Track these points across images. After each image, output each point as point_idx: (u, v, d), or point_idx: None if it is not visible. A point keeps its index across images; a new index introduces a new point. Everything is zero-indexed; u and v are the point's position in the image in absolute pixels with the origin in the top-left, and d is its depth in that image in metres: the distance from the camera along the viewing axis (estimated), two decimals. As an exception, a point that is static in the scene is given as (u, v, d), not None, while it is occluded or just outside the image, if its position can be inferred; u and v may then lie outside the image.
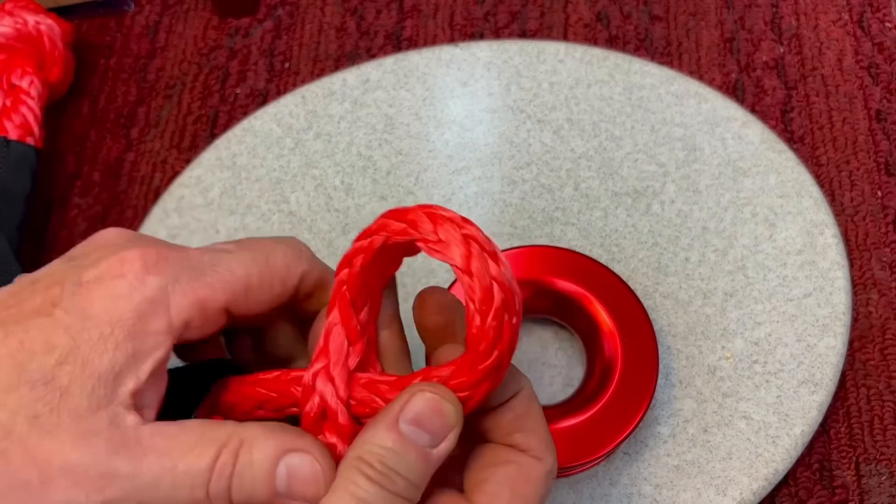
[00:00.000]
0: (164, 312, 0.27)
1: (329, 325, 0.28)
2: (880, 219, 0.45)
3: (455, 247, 0.25)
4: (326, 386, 0.27)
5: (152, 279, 0.27)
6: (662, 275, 0.43)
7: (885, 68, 0.50)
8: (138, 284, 0.26)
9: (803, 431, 0.38)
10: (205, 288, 0.27)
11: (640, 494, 0.37)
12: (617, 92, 0.48)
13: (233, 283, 0.28)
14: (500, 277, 0.25)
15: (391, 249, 0.27)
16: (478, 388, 0.26)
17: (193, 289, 0.27)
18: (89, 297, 0.26)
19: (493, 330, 0.25)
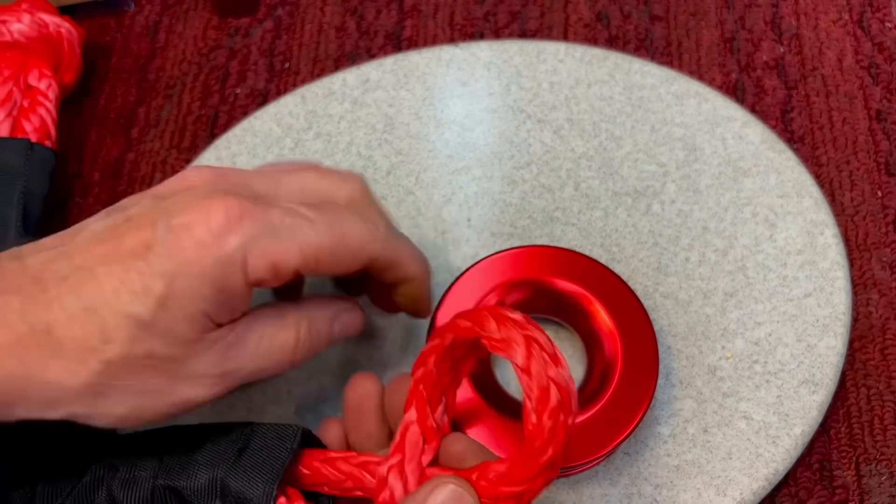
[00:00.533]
0: (242, 271, 0.30)
1: (406, 423, 0.30)
2: (880, 219, 0.45)
3: (517, 346, 0.27)
4: (397, 481, 0.29)
5: (233, 238, 0.29)
6: (663, 275, 0.43)
7: (886, 68, 0.50)
8: (222, 241, 0.29)
9: (803, 431, 0.38)
10: (280, 253, 0.30)
11: (640, 494, 0.37)
12: (617, 92, 0.48)
13: (306, 252, 0.31)
14: (558, 378, 0.27)
15: (461, 347, 0.30)
16: (532, 482, 0.27)
17: (269, 252, 0.30)
18: (179, 244, 0.29)
19: (548, 429, 0.26)
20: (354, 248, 0.32)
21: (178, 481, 0.31)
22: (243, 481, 0.30)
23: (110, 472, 0.31)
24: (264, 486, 0.30)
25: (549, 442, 0.27)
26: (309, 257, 0.31)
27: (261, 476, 0.30)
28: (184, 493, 0.30)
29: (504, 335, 0.28)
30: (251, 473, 0.30)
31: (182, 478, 0.31)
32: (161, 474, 0.31)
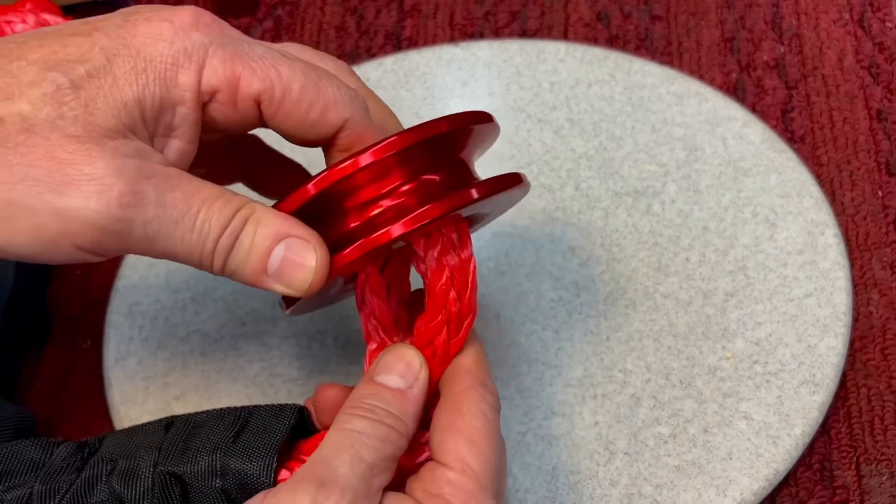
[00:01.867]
0: (197, 69, 0.27)
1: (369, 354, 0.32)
2: (881, 219, 0.45)
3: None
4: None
5: (197, 35, 0.27)
6: (663, 275, 0.43)
7: (886, 68, 0.50)
8: (182, 35, 0.26)
9: (804, 432, 0.38)
10: (244, 67, 0.27)
11: (641, 495, 0.37)
12: (617, 91, 0.48)
13: (273, 79, 0.27)
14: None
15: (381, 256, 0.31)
16: (438, 336, 0.30)
17: (233, 62, 0.27)
18: (133, 30, 0.26)
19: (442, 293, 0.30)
20: (328, 100, 0.28)
21: (179, 466, 0.30)
22: (242, 459, 0.30)
23: (108, 466, 0.31)
24: (263, 460, 0.30)
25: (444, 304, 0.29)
26: (275, 86, 0.27)
27: (259, 452, 0.30)
28: (185, 477, 0.30)
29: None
30: (250, 452, 0.30)
31: (182, 462, 0.31)
32: (161, 461, 0.31)
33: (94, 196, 0.25)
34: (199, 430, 0.32)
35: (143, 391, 0.41)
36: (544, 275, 0.43)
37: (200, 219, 0.27)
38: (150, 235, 0.26)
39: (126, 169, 0.25)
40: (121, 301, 0.44)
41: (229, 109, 0.27)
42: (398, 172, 0.28)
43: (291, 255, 0.28)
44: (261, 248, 0.28)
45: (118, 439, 0.33)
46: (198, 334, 0.43)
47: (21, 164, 0.25)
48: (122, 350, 0.43)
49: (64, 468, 0.32)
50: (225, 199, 0.27)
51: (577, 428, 0.39)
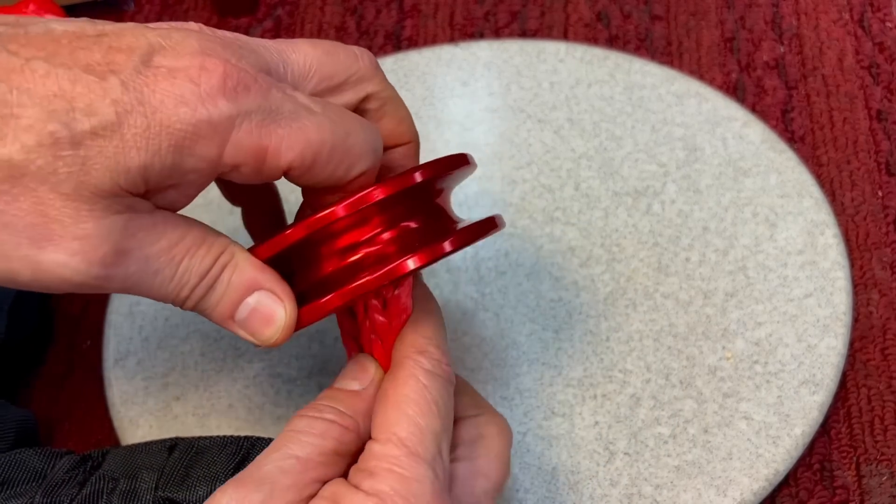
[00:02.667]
0: (220, 142, 0.25)
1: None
2: (881, 219, 0.45)
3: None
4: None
5: (224, 104, 0.24)
6: (663, 275, 0.43)
7: (886, 68, 0.50)
8: (208, 102, 0.24)
9: (804, 432, 0.38)
10: (272, 138, 0.25)
11: (641, 495, 0.37)
12: (617, 91, 0.48)
13: (302, 148, 0.26)
14: None
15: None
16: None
17: (260, 134, 0.25)
18: (153, 85, 0.24)
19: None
20: (353, 159, 0.27)
21: (179, 493, 0.31)
22: None
23: (110, 484, 0.31)
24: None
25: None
26: (306, 155, 0.26)
27: None
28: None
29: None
30: None
31: (182, 489, 0.31)
32: (161, 486, 0.31)
33: (77, 256, 0.24)
34: (202, 457, 0.32)
35: (143, 391, 0.41)
36: (544, 275, 0.43)
37: (181, 269, 0.26)
38: (127, 286, 0.26)
39: (114, 228, 0.24)
40: (121, 301, 0.44)
41: (252, 177, 0.26)
42: (376, 220, 0.28)
43: (260, 308, 0.28)
44: (232, 297, 0.28)
45: (121, 456, 0.33)
46: (198, 334, 0.43)
47: (2, 211, 0.23)
48: (122, 350, 0.43)
49: (66, 481, 0.32)
50: (207, 246, 0.27)
51: (577, 428, 0.39)
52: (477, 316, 0.42)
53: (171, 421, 0.40)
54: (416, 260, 0.27)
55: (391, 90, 0.30)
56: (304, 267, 0.29)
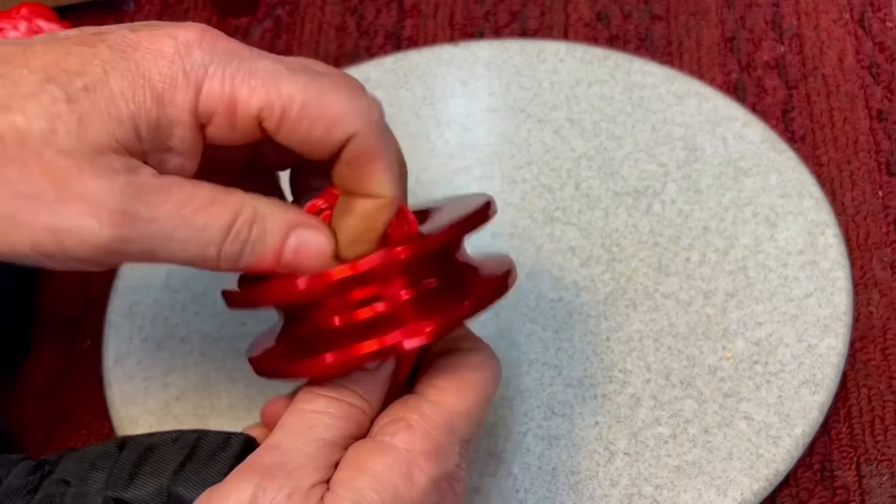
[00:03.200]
0: (195, 90, 0.26)
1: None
2: (881, 219, 0.45)
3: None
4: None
5: (199, 53, 0.26)
6: (663, 275, 0.43)
7: (886, 68, 0.50)
8: (184, 52, 0.26)
9: (804, 432, 0.38)
10: (242, 87, 0.26)
11: (641, 495, 0.37)
12: (617, 91, 0.48)
13: (272, 97, 0.26)
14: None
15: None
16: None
17: (232, 82, 0.26)
18: (135, 43, 0.26)
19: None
20: (332, 117, 0.27)
21: (127, 492, 0.31)
22: (186, 487, 0.30)
23: (62, 488, 0.31)
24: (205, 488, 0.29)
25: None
26: (275, 105, 0.26)
27: (203, 482, 0.30)
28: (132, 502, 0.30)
29: None
30: (194, 481, 0.30)
31: (130, 489, 0.31)
32: (110, 486, 0.31)
33: (86, 216, 0.25)
34: (152, 454, 0.32)
35: (143, 391, 0.41)
36: (544, 275, 0.43)
37: (198, 228, 0.26)
38: (147, 250, 0.26)
39: (115, 187, 0.25)
40: (121, 301, 0.44)
41: (228, 130, 0.27)
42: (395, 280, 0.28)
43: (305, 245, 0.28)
44: (274, 245, 0.28)
45: (75, 459, 0.32)
46: (198, 334, 0.43)
47: (17, 179, 0.25)
48: (122, 350, 0.42)
49: (20, 488, 0.32)
50: (220, 204, 0.27)
51: (577, 428, 0.39)
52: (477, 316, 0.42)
53: (171, 421, 0.40)
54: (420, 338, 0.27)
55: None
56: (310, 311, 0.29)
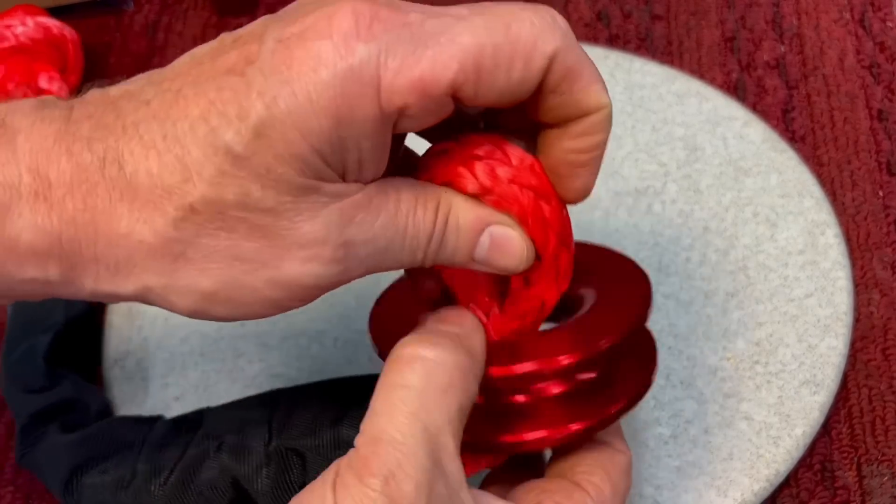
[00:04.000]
0: (374, 93, 0.23)
1: None
2: (882, 219, 0.45)
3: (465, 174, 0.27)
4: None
5: (363, 47, 0.22)
6: (664, 275, 0.43)
7: (887, 68, 0.50)
8: (345, 51, 0.22)
9: (805, 432, 0.38)
10: (425, 63, 0.23)
11: (641, 495, 0.37)
12: (618, 91, 0.48)
13: (460, 57, 0.23)
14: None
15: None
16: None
17: (410, 64, 0.22)
18: (289, 59, 0.22)
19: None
20: (527, 45, 0.23)
21: (300, 441, 0.31)
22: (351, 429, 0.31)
23: (215, 442, 0.32)
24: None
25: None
26: (467, 65, 0.23)
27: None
28: (306, 451, 0.31)
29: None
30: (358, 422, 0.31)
31: (303, 438, 0.31)
32: (275, 437, 0.31)
33: (309, 263, 0.24)
34: (309, 405, 0.32)
35: (142, 391, 0.41)
36: (544, 275, 0.43)
37: (409, 236, 0.25)
38: (366, 269, 0.25)
39: (330, 223, 0.24)
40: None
41: (423, 115, 0.24)
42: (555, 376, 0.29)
43: (498, 240, 0.27)
44: (468, 240, 0.26)
45: (218, 415, 0.33)
46: (198, 334, 0.43)
47: (228, 247, 0.24)
48: (122, 350, 0.42)
49: (166, 445, 0.32)
50: (423, 202, 0.26)
51: (578, 428, 0.39)
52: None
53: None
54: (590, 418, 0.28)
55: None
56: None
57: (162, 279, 0.24)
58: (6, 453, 0.41)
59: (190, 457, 0.32)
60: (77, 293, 0.24)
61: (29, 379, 0.38)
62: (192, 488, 0.31)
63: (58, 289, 0.25)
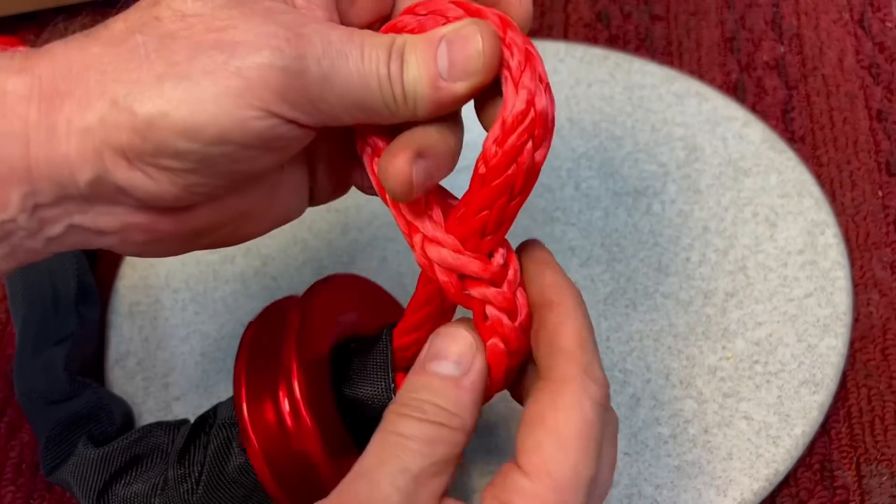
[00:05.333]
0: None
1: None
2: (881, 219, 0.45)
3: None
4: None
5: None
6: (663, 275, 0.43)
7: (886, 68, 0.50)
8: None
9: (804, 432, 0.38)
10: None
11: (641, 495, 0.37)
12: (617, 91, 0.48)
13: None
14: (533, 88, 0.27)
15: None
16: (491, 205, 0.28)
17: None
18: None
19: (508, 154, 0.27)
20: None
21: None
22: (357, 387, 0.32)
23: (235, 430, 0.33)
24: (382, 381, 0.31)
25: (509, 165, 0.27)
26: None
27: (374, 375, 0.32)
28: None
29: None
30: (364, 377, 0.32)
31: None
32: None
33: (265, 47, 0.25)
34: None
35: (142, 391, 0.41)
36: (544, 275, 0.43)
37: (367, 48, 0.26)
38: (326, 72, 0.25)
39: (283, 20, 0.26)
40: (121, 301, 0.44)
41: None
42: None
43: (456, 41, 0.27)
44: (427, 56, 0.26)
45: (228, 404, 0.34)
46: (198, 334, 0.43)
47: (187, 45, 0.25)
48: (122, 350, 0.43)
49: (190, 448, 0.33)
50: (379, 34, 0.27)
51: (577, 428, 0.39)
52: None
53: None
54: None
55: None
56: None
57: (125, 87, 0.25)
58: (6, 453, 0.41)
59: (213, 452, 0.32)
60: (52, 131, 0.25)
61: (50, 391, 0.38)
62: (225, 479, 0.32)
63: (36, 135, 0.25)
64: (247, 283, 0.44)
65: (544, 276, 0.29)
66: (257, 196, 0.29)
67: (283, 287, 0.44)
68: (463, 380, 0.27)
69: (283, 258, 0.45)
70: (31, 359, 0.39)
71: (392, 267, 0.44)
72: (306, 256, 0.45)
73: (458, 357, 0.27)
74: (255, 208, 0.29)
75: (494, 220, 0.28)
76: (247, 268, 0.44)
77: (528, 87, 0.27)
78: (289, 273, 0.44)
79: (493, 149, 0.27)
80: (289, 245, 0.45)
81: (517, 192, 0.28)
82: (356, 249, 0.45)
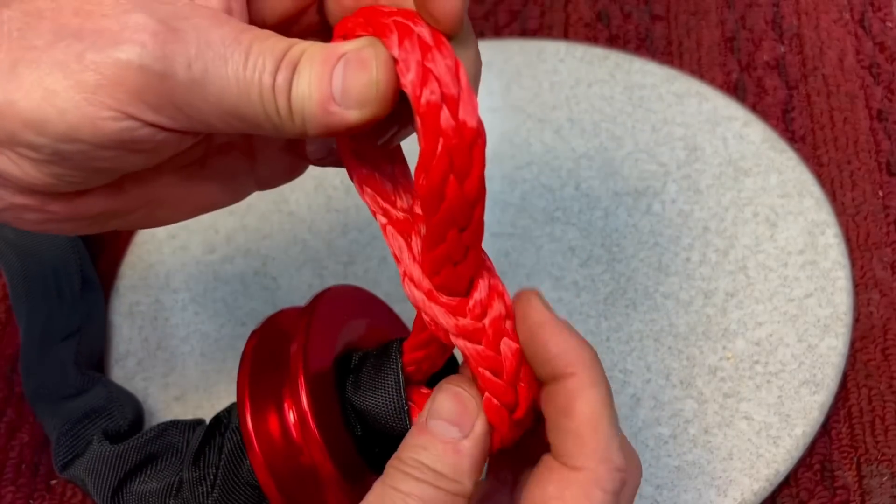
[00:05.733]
0: None
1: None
2: (881, 219, 0.45)
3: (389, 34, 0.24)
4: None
5: None
6: (663, 275, 0.43)
7: (887, 68, 0.50)
8: None
9: (804, 432, 0.38)
10: None
11: (641, 495, 0.37)
12: (618, 91, 0.48)
13: None
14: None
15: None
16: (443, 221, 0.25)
17: None
18: None
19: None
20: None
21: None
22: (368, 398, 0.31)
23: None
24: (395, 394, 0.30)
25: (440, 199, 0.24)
26: None
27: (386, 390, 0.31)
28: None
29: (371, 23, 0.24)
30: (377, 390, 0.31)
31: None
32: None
33: (126, 42, 0.22)
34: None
35: (142, 391, 0.41)
36: (544, 275, 0.43)
37: (254, 52, 0.23)
38: (196, 76, 0.23)
39: (160, 10, 0.23)
40: (121, 301, 0.44)
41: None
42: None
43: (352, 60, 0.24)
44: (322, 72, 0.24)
45: None
46: (198, 334, 0.43)
47: (50, 28, 0.23)
48: (122, 350, 0.42)
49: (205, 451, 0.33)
50: (277, 37, 0.24)
51: (578, 428, 0.39)
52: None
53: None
54: None
55: None
56: None
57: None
58: (6, 453, 0.41)
59: (227, 455, 0.32)
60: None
61: (61, 387, 0.38)
62: (239, 482, 0.32)
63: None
64: (247, 284, 0.44)
65: (547, 349, 0.25)
66: (164, 185, 0.27)
67: (283, 287, 0.44)
68: (462, 444, 0.26)
69: (283, 258, 0.45)
70: (38, 355, 0.39)
71: (392, 267, 0.44)
72: (306, 256, 0.45)
73: (459, 419, 0.26)
74: (166, 197, 0.27)
75: (456, 251, 0.26)
76: (247, 268, 0.44)
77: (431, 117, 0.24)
78: (289, 273, 0.44)
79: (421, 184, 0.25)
80: (289, 245, 0.45)
81: (463, 224, 0.26)
82: (356, 249, 0.45)
